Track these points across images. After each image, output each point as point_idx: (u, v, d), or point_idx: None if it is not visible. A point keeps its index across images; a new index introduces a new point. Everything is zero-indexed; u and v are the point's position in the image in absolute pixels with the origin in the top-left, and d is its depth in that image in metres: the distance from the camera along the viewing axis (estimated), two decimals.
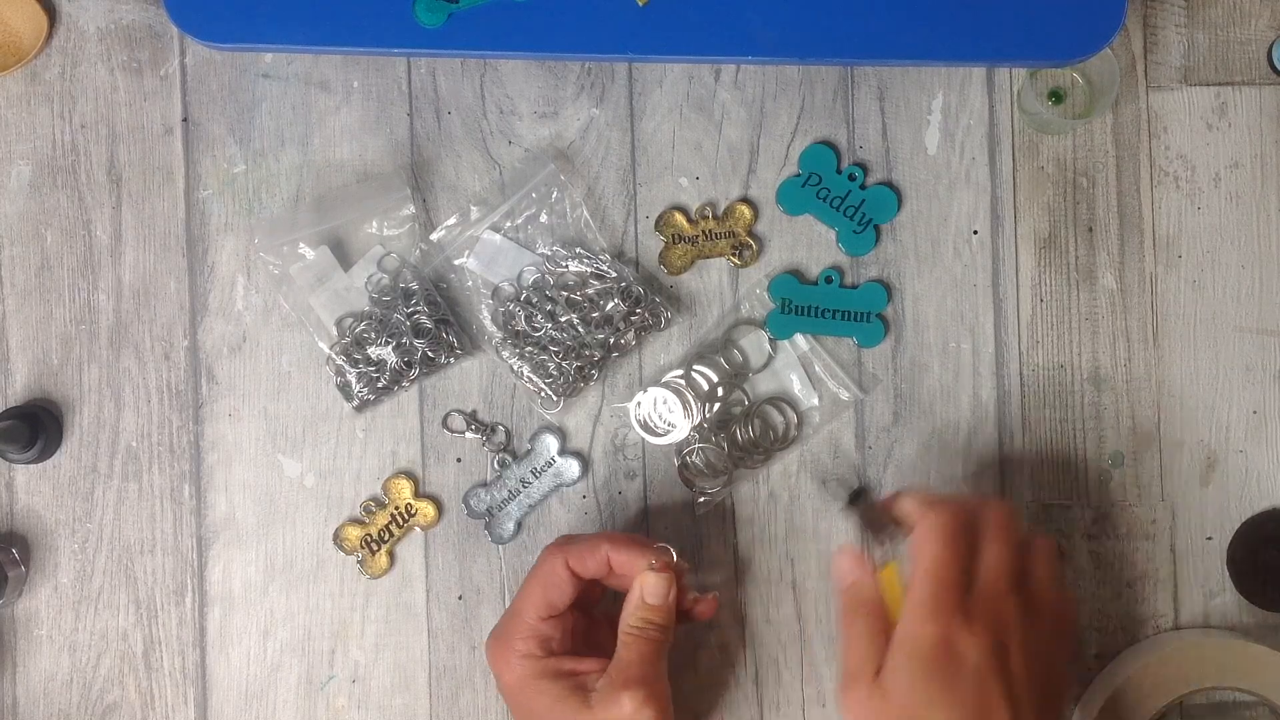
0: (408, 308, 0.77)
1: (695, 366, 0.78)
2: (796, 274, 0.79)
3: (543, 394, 0.78)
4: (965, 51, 0.74)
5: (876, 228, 0.80)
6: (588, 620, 0.74)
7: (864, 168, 0.80)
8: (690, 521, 0.79)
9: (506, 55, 0.77)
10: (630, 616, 0.70)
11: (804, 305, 0.79)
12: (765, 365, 0.80)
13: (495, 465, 0.79)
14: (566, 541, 0.73)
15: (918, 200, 0.80)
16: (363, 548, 0.79)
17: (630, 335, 0.78)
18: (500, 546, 0.79)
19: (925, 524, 0.68)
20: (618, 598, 0.73)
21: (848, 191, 0.79)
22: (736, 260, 0.80)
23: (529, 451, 0.79)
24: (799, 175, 0.80)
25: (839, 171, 0.80)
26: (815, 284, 0.79)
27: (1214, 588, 0.80)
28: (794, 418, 0.79)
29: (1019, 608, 0.67)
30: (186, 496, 0.79)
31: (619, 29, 0.72)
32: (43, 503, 0.78)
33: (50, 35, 0.79)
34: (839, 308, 0.79)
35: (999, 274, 0.80)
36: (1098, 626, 0.80)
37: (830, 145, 0.80)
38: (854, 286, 0.79)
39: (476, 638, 0.79)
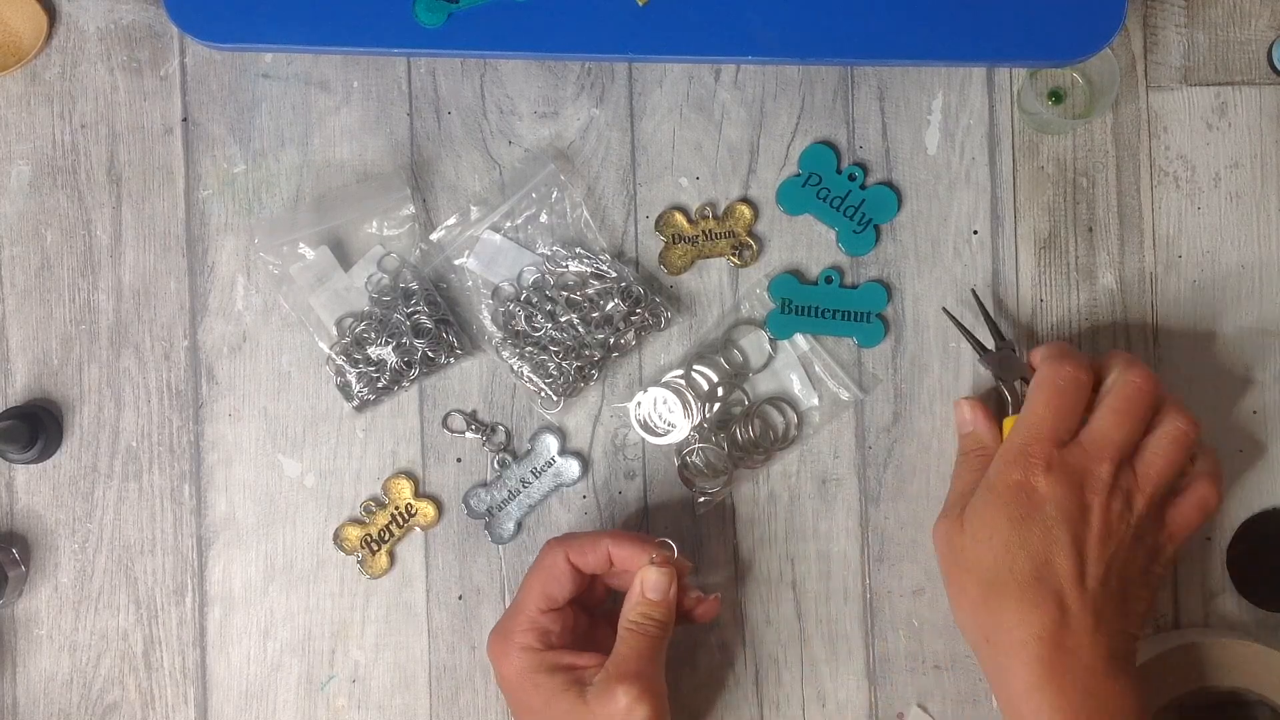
0: (408, 308, 0.77)
1: (695, 366, 0.78)
2: (796, 274, 0.79)
3: (543, 394, 0.78)
4: (965, 51, 0.74)
5: (876, 228, 0.79)
6: (589, 619, 0.75)
7: (864, 168, 0.80)
8: (690, 521, 0.79)
9: (506, 55, 0.77)
10: (630, 611, 0.71)
11: (804, 305, 0.79)
12: (765, 365, 0.79)
13: (495, 465, 0.79)
14: (568, 536, 0.73)
15: (918, 200, 0.80)
16: (363, 548, 0.79)
17: (630, 335, 0.78)
18: (500, 546, 0.79)
19: (1039, 375, 0.71)
20: (619, 598, 0.73)
21: (848, 191, 0.79)
22: (736, 260, 0.80)
23: (529, 451, 0.79)
24: (799, 175, 0.79)
25: (839, 171, 0.79)
26: (815, 284, 0.79)
27: (1214, 588, 0.80)
28: (794, 418, 0.79)
29: (1112, 475, 0.69)
30: (187, 496, 0.79)
31: (619, 29, 0.72)
32: (43, 503, 0.78)
33: (50, 35, 0.79)
34: (839, 308, 0.79)
35: (999, 274, 0.80)
36: None
37: (830, 145, 0.79)
38: (854, 286, 0.79)
39: (477, 638, 0.79)
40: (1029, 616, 0.67)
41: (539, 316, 0.78)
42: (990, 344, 0.78)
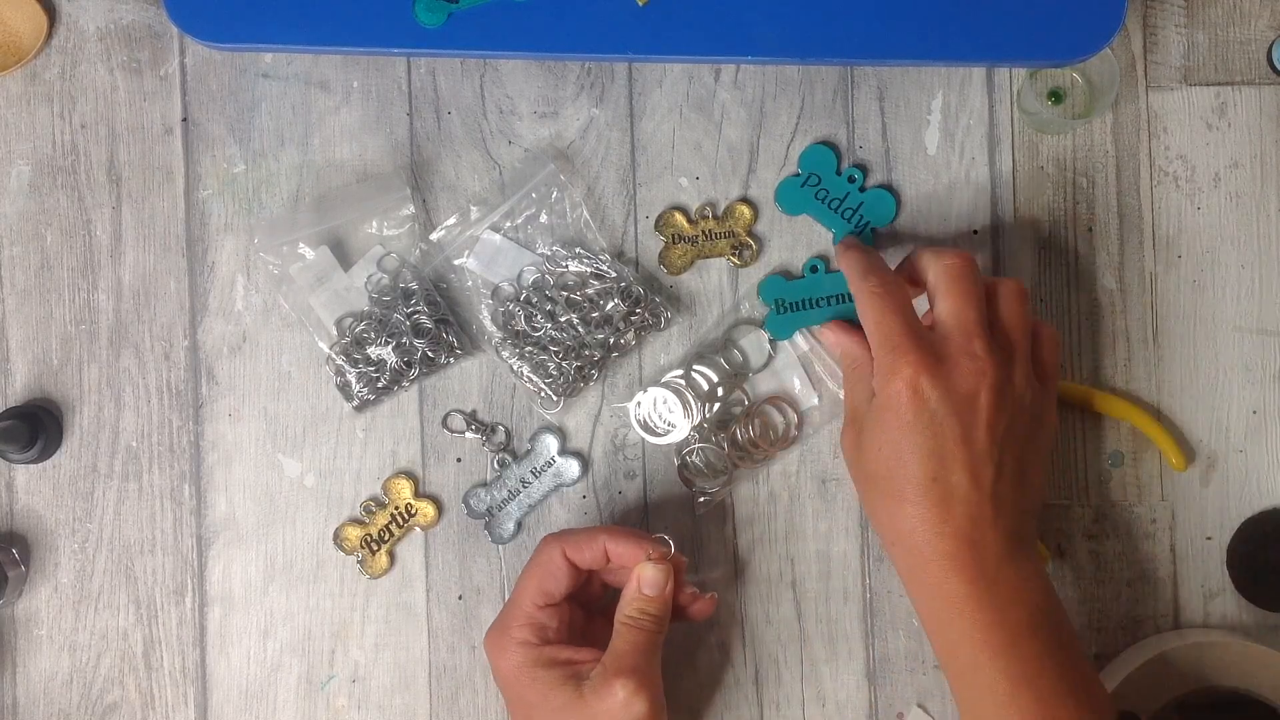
0: (408, 308, 0.77)
1: (695, 366, 0.78)
2: (784, 272, 0.79)
3: (543, 394, 0.78)
4: (965, 52, 0.73)
5: (874, 230, 0.79)
6: (586, 615, 0.75)
7: (864, 170, 0.79)
8: (690, 521, 0.79)
9: (506, 55, 0.77)
10: (626, 606, 0.71)
11: (797, 301, 0.78)
12: (765, 365, 0.79)
13: (495, 465, 0.79)
14: (565, 532, 0.73)
15: (917, 200, 0.80)
16: (363, 547, 0.79)
17: (630, 335, 0.78)
18: (500, 546, 0.79)
19: (856, 293, 0.72)
20: (615, 594, 0.73)
21: (846, 193, 0.79)
22: (736, 260, 0.80)
23: (529, 451, 0.79)
24: (798, 175, 0.79)
25: (839, 173, 0.79)
26: (802, 277, 0.79)
27: (1214, 588, 0.80)
28: (794, 418, 0.79)
29: (986, 349, 0.69)
30: (186, 496, 0.79)
31: (619, 29, 0.72)
32: (43, 503, 0.78)
33: (50, 35, 0.79)
34: (831, 293, 0.78)
35: (999, 274, 0.80)
36: (1097, 626, 0.80)
37: (831, 146, 0.79)
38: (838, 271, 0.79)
39: (476, 638, 0.79)
40: (929, 515, 0.68)
41: (539, 316, 0.78)
42: None
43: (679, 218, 0.79)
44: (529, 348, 0.78)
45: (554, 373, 0.78)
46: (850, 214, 0.79)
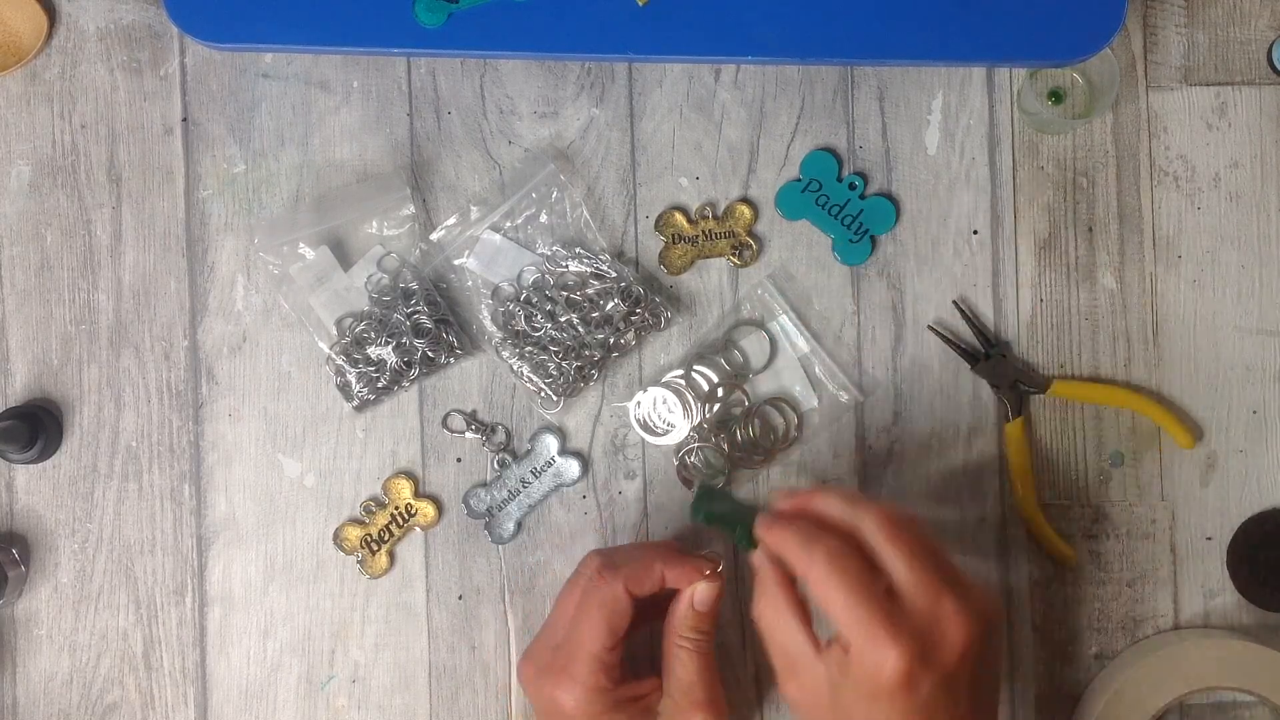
0: (408, 308, 0.77)
1: (695, 366, 0.78)
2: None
3: (543, 394, 0.78)
4: (965, 52, 0.74)
5: (872, 238, 0.79)
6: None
7: (864, 177, 0.79)
8: (690, 522, 0.79)
9: (506, 55, 0.77)
10: (681, 626, 0.70)
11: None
12: (765, 366, 0.79)
13: (495, 465, 0.79)
14: (613, 561, 0.70)
15: (918, 200, 0.80)
16: (363, 547, 0.78)
17: (630, 335, 0.78)
18: (500, 546, 0.79)
19: (811, 566, 0.62)
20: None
21: (846, 200, 0.79)
22: (736, 260, 0.79)
23: (529, 451, 0.79)
24: (799, 180, 0.79)
25: (839, 179, 0.79)
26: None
27: (1214, 588, 0.80)
28: (794, 418, 0.79)
29: (959, 611, 0.62)
30: (186, 496, 0.78)
31: (619, 29, 0.72)
32: (43, 503, 0.78)
33: (50, 35, 0.79)
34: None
35: (999, 274, 0.80)
36: (1097, 626, 0.80)
37: (832, 152, 0.79)
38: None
39: (476, 638, 0.79)
40: None
41: (539, 316, 0.78)
42: (982, 351, 0.79)
43: (679, 218, 0.79)
44: (529, 348, 0.78)
45: (554, 373, 0.78)
46: (850, 221, 0.79)
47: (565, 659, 0.69)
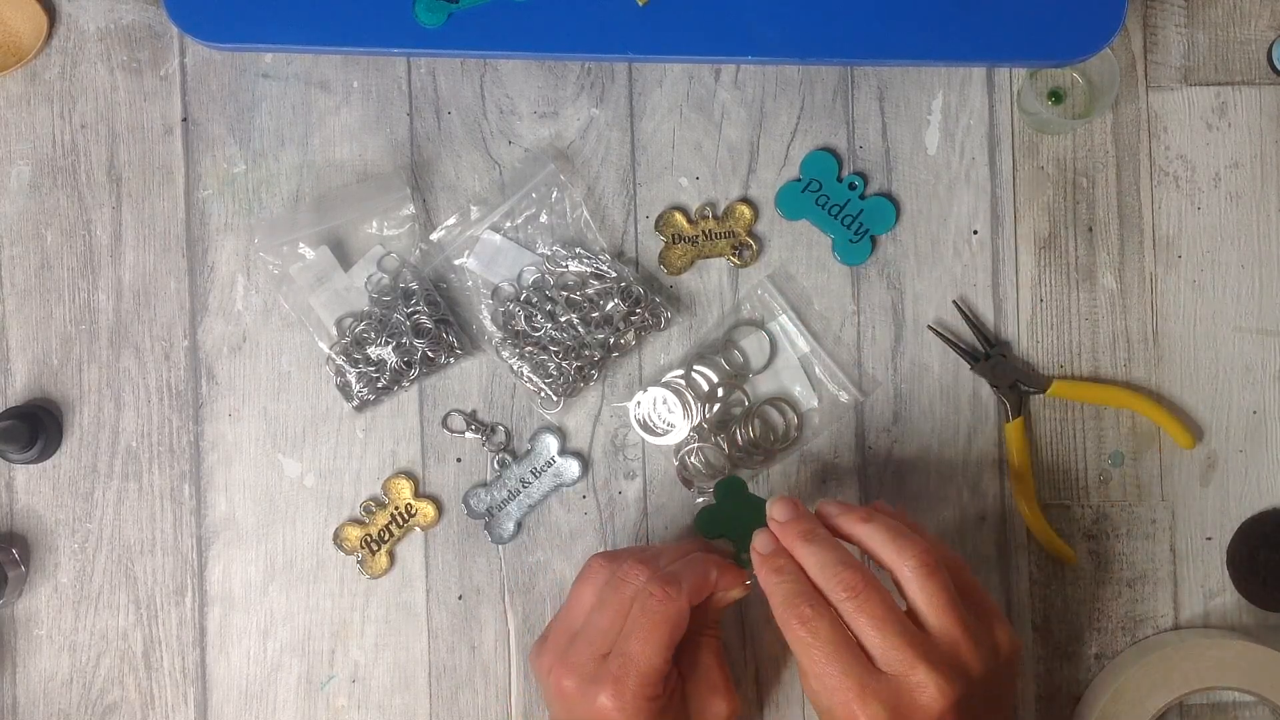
0: (408, 308, 0.77)
1: (695, 366, 0.78)
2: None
3: (542, 394, 0.78)
4: (965, 52, 0.73)
5: (872, 238, 0.79)
6: None
7: (864, 178, 0.79)
8: (690, 522, 0.79)
9: (506, 55, 0.77)
10: (706, 620, 0.71)
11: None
12: (766, 366, 0.79)
13: (495, 465, 0.79)
14: (671, 574, 0.68)
15: (918, 200, 0.80)
16: (363, 548, 0.78)
17: (630, 335, 0.78)
18: (500, 546, 0.79)
19: (846, 601, 0.64)
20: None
21: (846, 200, 0.79)
22: (736, 260, 0.79)
23: (529, 451, 0.79)
24: (799, 180, 0.79)
25: (839, 179, 0.79)
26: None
27: (1214, 588, 0.80)
28: (794, 418, 0.79)
29: (975, 646, 0.64)
30: (186, 496, 0.78)
31: (619, 29, 0.72)
32: (42, 503, 0.78)
33: (50, 35, 0.79)
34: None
35: (999, 274, 0.80)
36: (1097, 626, 0.80)
37: (832, 152, 0.79)
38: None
39: (477, 638, 0.79)
40: None
41: (539, 316, 0.77)
42: (982, 351, 0.79)
43: (679, 218, 0.79)
44: (529, 348, 0.77)
45: (554, 373, 0.78)
46: (850, 221, 0.79)
47: (621, 671, 0.66)
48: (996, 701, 0.65)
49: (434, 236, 0.79)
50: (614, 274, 0.78)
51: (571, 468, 0.79)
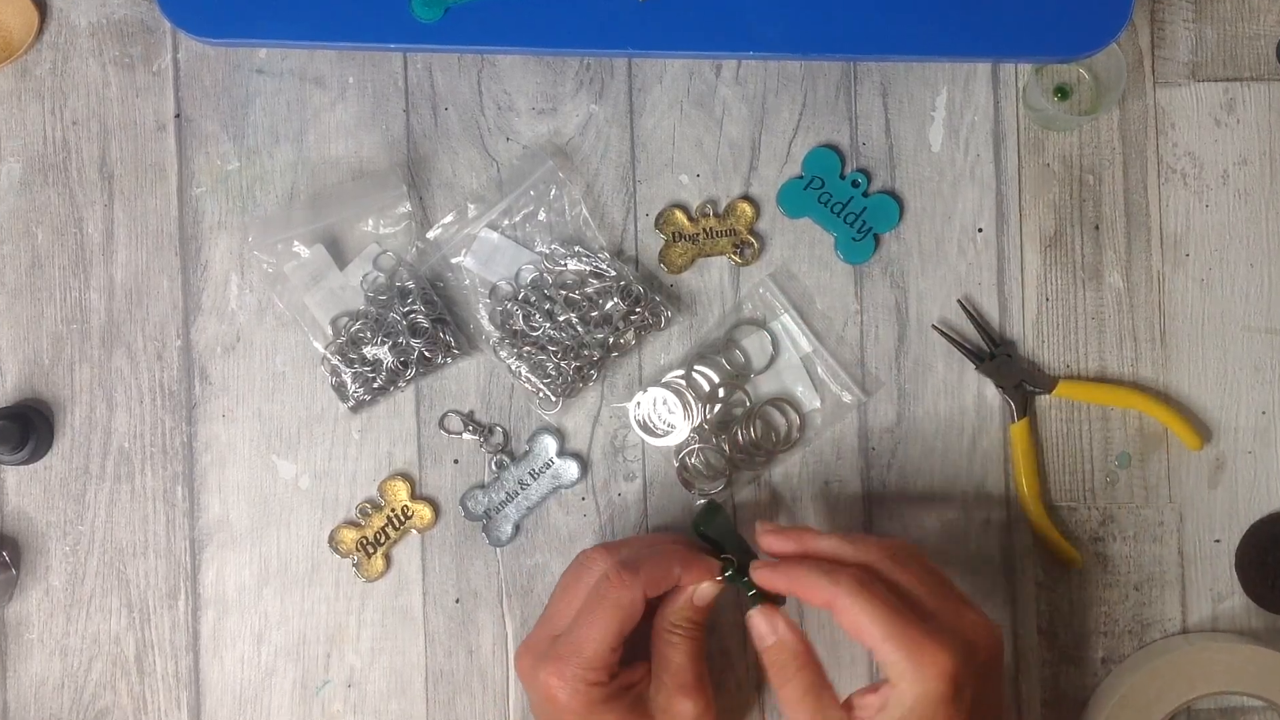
0: (404, 307, 0.76)
1: (696, 367, 0.78)
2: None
3: (541, 394, 0.77)
4: (970, 47, 0.73)
5: (876, 236, 0.79)
6: None
7: (867, 175, 0.79)
8: (690, 524, 0.77)
9: (504, 51, 0.76)
10: (675, 615, 0.70)
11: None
12: (767, 366, 0.79)
13: (493, 467, 0.78)
14: (630, 561, 0.69)
15: (921, 198, 0.79)
16: (358, 550, 0.78)
17: (630, 335, 0.77)
18: (498, 549, 0.79)
19: (838, 596, 0.64)
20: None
21: (849, 198, 0.79)
22: (738, 259, 0.79)
23: (527, 453, 0.78)
24: (801, 177, 0.79)
25: (842, 177, 0.79)
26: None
27: (1222, 591, 0.79)
28: (796, 419, 0.78)
29: (984, 621, 0.66)
30: (179, 498, 0.78)
31: (618, 24, 0.71)
32: (33, 505, 0.77)
33: (41, 30, 0.78)
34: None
35: (1004, 272, 0.80)
36: (1104, 630, 0.79)
37: (835, 149, 0.79)
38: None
39: (474, 642, 0.78)
40: None
41: (537, 316, 0.77)
42: (987, 351, 0.78)
43: (679, 215, 0.79)
44: (527, 347, 0.77)
45: (552, 373, 0.77)
46: (853, 219, 0.79)
47: (567, 651, 0.67)
48: (999, 687, 0.66)
49: (430, 234, 0.78)
50: (613, 273, 0.77)
51: (570, 469, 0.78)
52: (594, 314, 0.77)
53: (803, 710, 0.65)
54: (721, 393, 0.78)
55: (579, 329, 0.77)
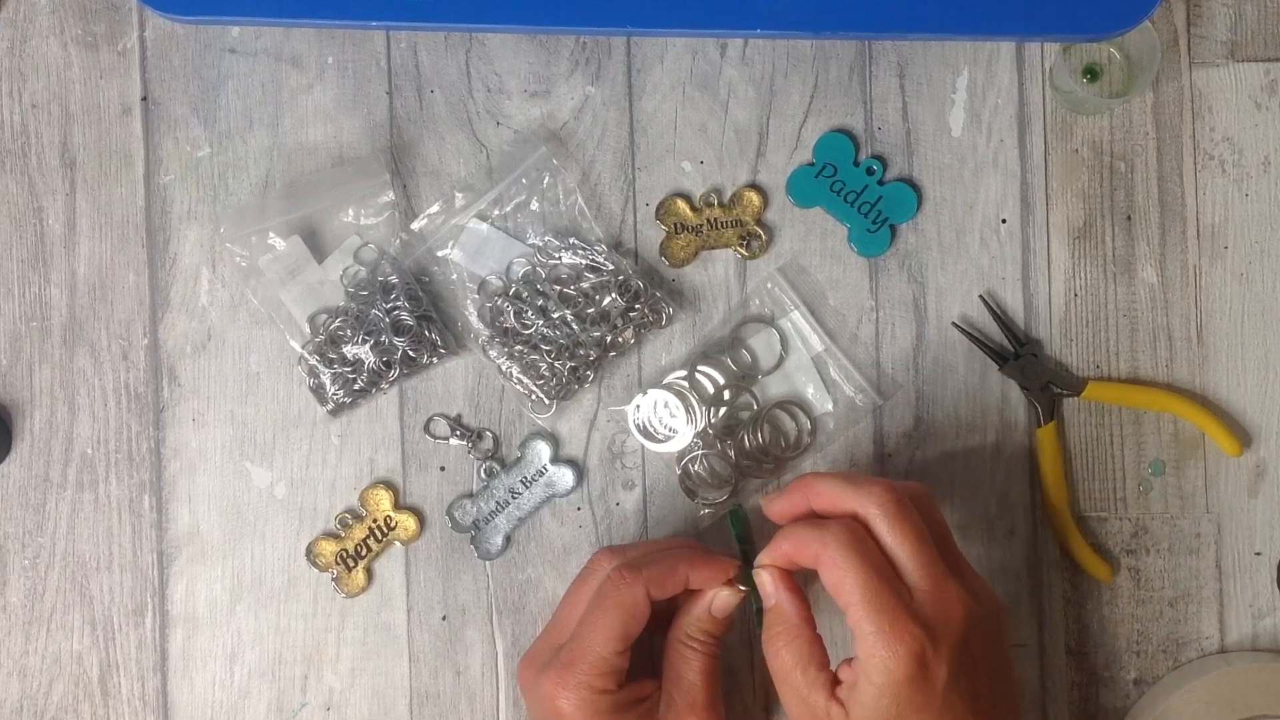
0: (387, 303, 0.75)
1: (699, 367, 0.76)
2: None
3: (533, 397, 0.76)
4: (993, 25, 0.71)
5: (892, 227, 0.77)
6: None
7: (883, 161, 0.77)
8: (694, 536, 0.77)
9: (494, 29, 0.75)
10: (690, 626, 0.69)
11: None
12: (776, 367, 0.77)
13: (482, 474, 0.76)
14: (633, 561, 0.68)
15: (941, 187, 0.78)
16: (338, 564, 0.76)
17: (628, 333, 0.76)
18: (487, 563, 0.77)
19: (824, 549, 0.63)
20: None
21: (864, 186, 0.77)
22: (744, 251, 0.77)
23: (519, 459, 0.76)
24: (812, 164, 0.77)
25: (856, 164, 0.77)
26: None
27: (1263, 607, 0.77)
28: (807, 423, 0.77)
29: (963, 597, 0.64)
30: (147, 508, 0.76)
31: (616, 0, 0.69)
32: None
33: None
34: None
35: (1029, 266, 0.78)
36: (1137, 649, 0.77)
37: (848, 134, 0.77)
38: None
39: (462, 662, 0.76)
40: None
41: (529, 313, 0.75)
42: (1011, 350, 0.77)
43: (682, 205, 0.77)
44: (519, 347, 0.75)
45: (546, 374, 0.75)
46: (867, 209, 0.77)
47: (570, 658, 0.66)
48: (998, 663, 0.66)
49: (415, 226, 0.77)
50: (611, 266, 0.76)
51: (565, 477, 0.76)
52: (590, 311, 0.75)
53: (789, 685, 0.65)
54: (727, 395, 0.76)
55: (574, 327, 0.75)
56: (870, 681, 0.61)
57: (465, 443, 0.76)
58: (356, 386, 0.75)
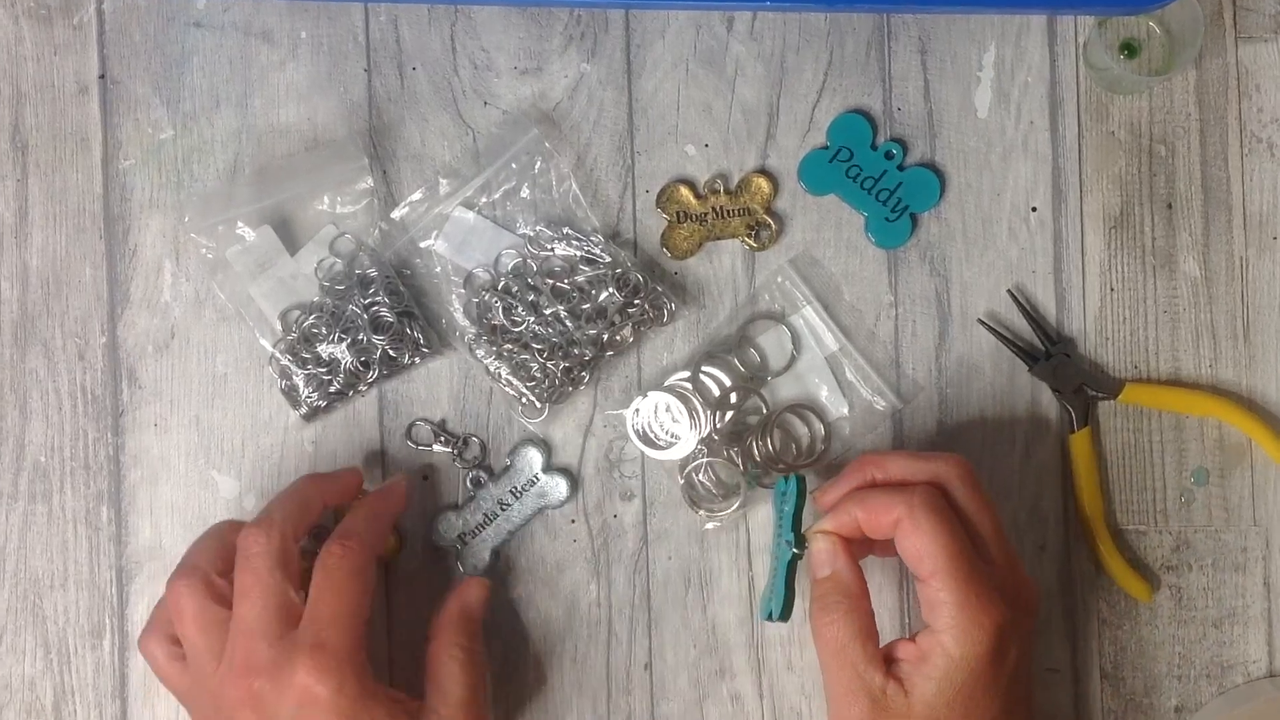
0: (365, 298, 0.73)
1: (704, 368, 0.74)
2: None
3: (524, 400, 0.74)
4: None
5: (913, 216, 0.75)
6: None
7: (903, 145, 0.75)
8: (698, 550, 0.74)
9: (481, 0, 0.74)
10: (452, 632, 0.68)
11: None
12: (787, 367, 0.75)
13: (468, 484, 0.75)
14: (260, 521, 0.65)
15: (966, 172, 0.76)
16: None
17: (627, 331, 0.74)
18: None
19: (910, 512, 0.63)
20: None
21: (882, 171, 0.75)
22: (752, 242, 0.75)
23: (508, 468, 0.75)
24: (826, 148, 0.75)
25: (874, 147, 0.76)
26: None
27: None
28: (820, 429, 0.74)
29: (1033, 581, 0.65)
30: (105, 521, 0.74)
31: None
32: None
33: None
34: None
35: (1062, 259, 0.76)
36: (1178, 674, 0.75)
37: (865, 115, 0.75)
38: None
39: None
40: None
41: (520, 308, 0.74)
42: (1042, 348, 0.75)
43: (685, 192, 0.75)
44: (508, 345, 0.74)
45: (537, 375, 0.74)
46: (886, 195, 0.75)
47: (316, 638, 0.62)
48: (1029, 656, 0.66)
49: (395, 214, 0.75)
50: (608, 258, 0.74)
51: (558, 487, 0.74)
52: (585, 306, 0.74)
53: (844, 660, 0.63)
54: (734, 398, 0.74)
55: (568, 324, 0.74)
56: (947, 653, 0.61)
57: (450, 450, 0.74)
58: (332, 389, 0.73)
